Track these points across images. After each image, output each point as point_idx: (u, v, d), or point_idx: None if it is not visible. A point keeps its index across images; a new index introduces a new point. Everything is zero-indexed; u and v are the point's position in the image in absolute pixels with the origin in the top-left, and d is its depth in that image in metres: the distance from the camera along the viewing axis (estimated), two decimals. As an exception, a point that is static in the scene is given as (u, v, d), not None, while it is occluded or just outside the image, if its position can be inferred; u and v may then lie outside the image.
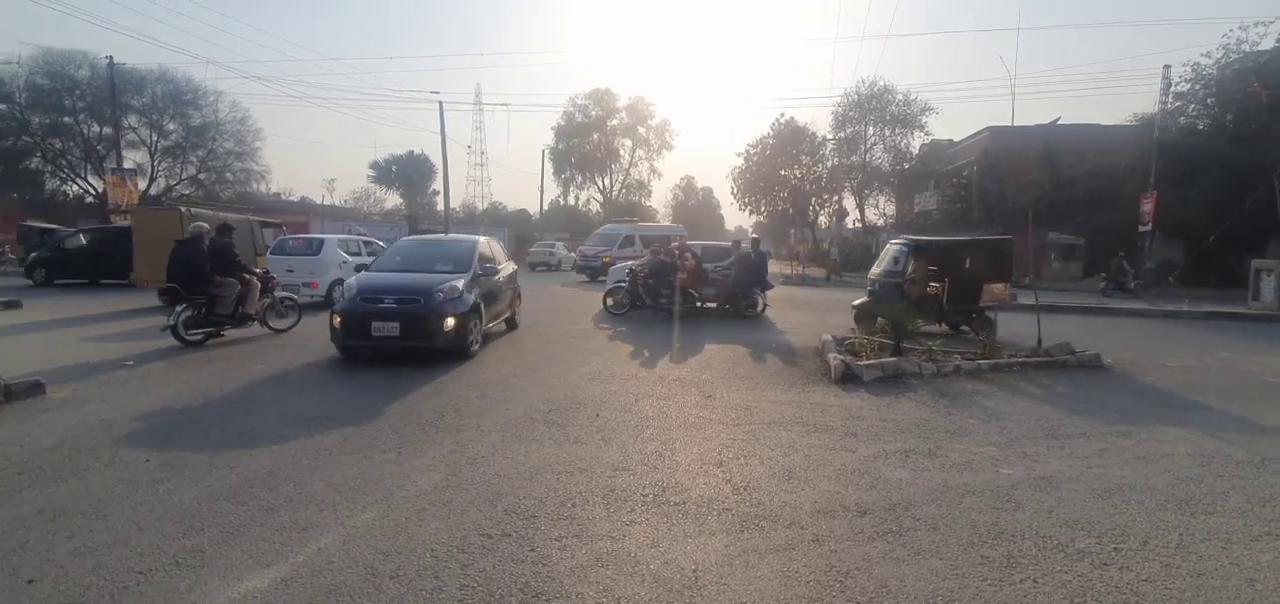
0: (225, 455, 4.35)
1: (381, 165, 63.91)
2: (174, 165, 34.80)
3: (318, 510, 3.50)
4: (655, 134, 54.88)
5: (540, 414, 5.50)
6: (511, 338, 9.93)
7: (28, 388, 5.66)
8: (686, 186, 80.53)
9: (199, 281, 8.42)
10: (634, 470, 4.19)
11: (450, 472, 4.10)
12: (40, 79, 30.37)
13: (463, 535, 3.21)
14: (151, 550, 3.05)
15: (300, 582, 2.77)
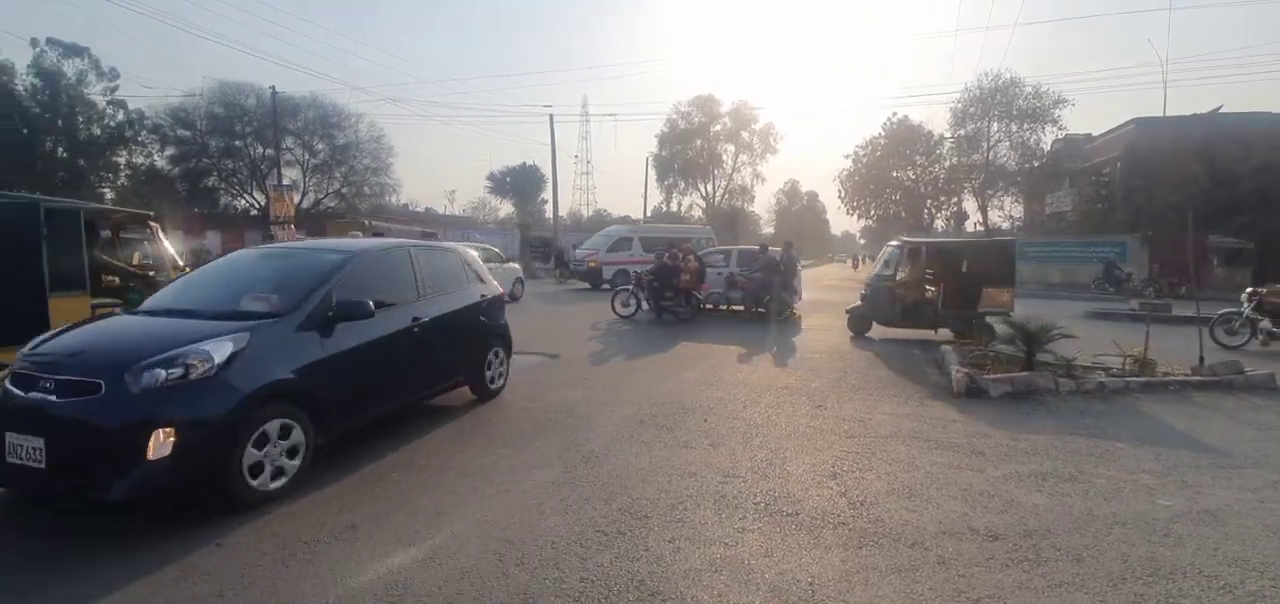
0: (369, 442, 4.81)
1: (497, 176, 67.71)
2: (322, 181, 38.81)
3: (448, 498, 3.79)
4: (759, 138, 54.05)
5: (648, 417, 5.61)
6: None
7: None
8: (790, 191, 78.65)
9: None
10: (744, 477, 4.17)
11: (565, 469, 4.29)
12: (217, 109, 35.01)
13: (580, 530, 3.35)
14: (314, 523, 3.44)
15: (438, 562, 3.02)
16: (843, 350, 9.57)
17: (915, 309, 10.61)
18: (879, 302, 10.91)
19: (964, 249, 11.10)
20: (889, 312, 10.80)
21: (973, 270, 10.37)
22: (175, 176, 35.32)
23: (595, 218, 70.72)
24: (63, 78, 32.43)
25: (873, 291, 11.11)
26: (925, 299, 10.61)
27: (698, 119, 53.43)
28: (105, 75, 33.75)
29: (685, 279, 12.95)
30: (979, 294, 10.09)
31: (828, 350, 9.62)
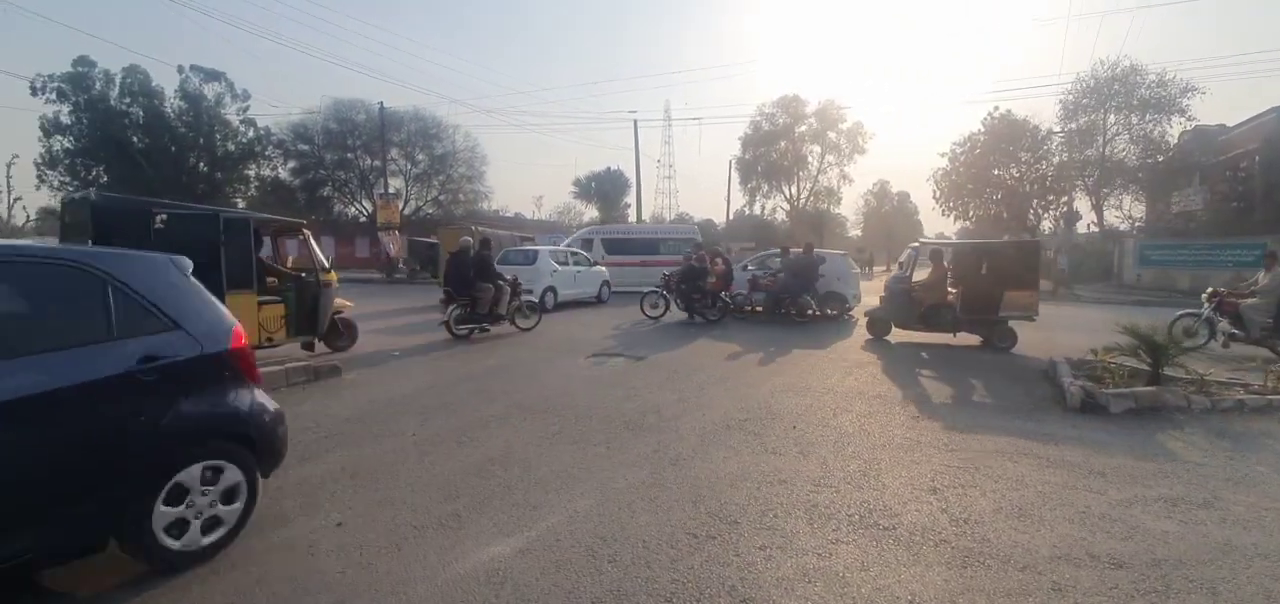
0: (470, 435, 5.09)
1: (582, 182, 69.23)
2: (422, 189, 41.30)
3: (544, 492, 3.95)
4: (846, 138, 52.13)
5: (735, 422, 5.58)
6: (703, 346, 10.08)
7: (329, 370, 7.20)
8: (880, 191, 75.37)
9: (465, 285, 10.14)
10: (836, 487, 4.08)
11: (654, 470, 4.35)
12: (331, 124, 38.09)
13: (670, 531, 3.40)
14: (422, 510, 3.69)
15: (535, 553, 3.16)
16: (939, 359, 9.10)
17: (935, 312, 10.40)
18: (897, 304, 10.73)
19: (984, 251, 10.75)
20: (907, 314, 10.65)
21: (993, 272, 10.07)
22: (295, 187, 38.68)
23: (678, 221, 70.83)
24: (204, 100, 36.32)
25: (891, 294, 10.90)
26: (945, 302, 10.37)
27: (782, 120, 52.34)
28: (239, 97, 37.49)
29: (712, 281, 13.14)
30: (1000, 297, 9.84)
31: (922, 359, 9.17)
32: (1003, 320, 9.95)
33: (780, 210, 56.02)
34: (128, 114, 35.17)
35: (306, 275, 8.41)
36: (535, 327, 11.43)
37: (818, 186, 53.56)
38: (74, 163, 35.45)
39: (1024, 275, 10.07)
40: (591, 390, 6.82)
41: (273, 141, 38.79)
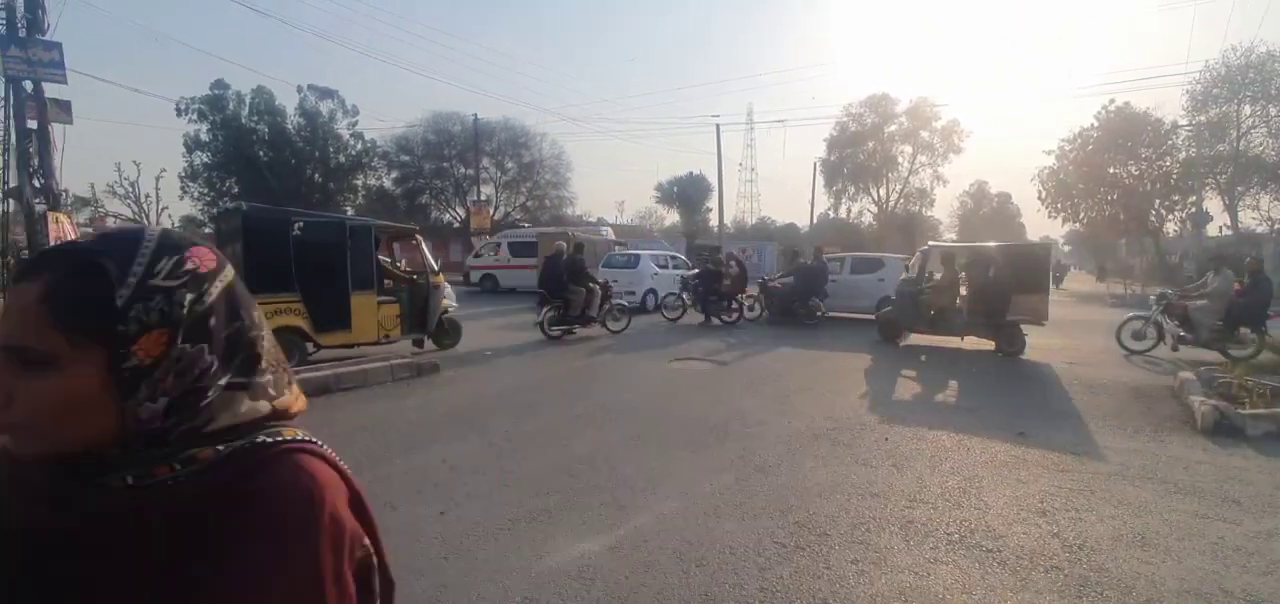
0: (559, 434, 5.27)
1: (664, 186, 69.60)
2: (511, 195, 43.01)
3: (630, 493, 4.03)
4: (940, 137, 49.33)
5: (823, 431, 5.45)
6: (787, 353, 9.92)
7: (430, 367, 7.68)
8: (977, 193, 70.77)
9: (558, 288, 10.46)
10: (933, 504, 3.90)
11: (739, 476, 4.33)
12: (430, 136, 40.46)
13: (757, 540, 3.38)
14: (515, 504, 3.86)
15: (623, 552, 3.24)
16: (1046, 373, 8.46)
17: (943, 315, 10.45)
18: (906, 307, 10.74)
19: (992, 254, 10.72)
20: (916, 317, 10.68)
21: (1001, 276, 10.04)
22: (397, 196, 41.32)
23: (759, 225, 69.74)
24: (319, 116, 39.55)
25: (900, 297, 10.95)
26: (954, 305, 10.43)
27: (870, 120, 50.34)
28: (349, 112, 40.52)
29: (726, 284, 13.44)
30: (1007, 301, 9.79)
31: (1027, 372, 8.57)
32: (1011, 324, 9.84)
33: (867, 213, 53.91)
34: (255, 131, 38.86)
35: (418, 278, 9.13)
36: (624, 329, 11.63)
37: (908, 188, 51.11)
38: (211, 176, 39.54)
39: (1032, 279, 9.96)
40: (675, 394, 6.87)
41: (378, 153, 41.67)
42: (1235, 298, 9.39)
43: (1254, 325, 9.22)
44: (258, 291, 7.38)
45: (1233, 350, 9.23)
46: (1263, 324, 9.24)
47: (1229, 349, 9.26)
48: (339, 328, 8.08)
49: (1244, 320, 9.31)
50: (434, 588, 2.88)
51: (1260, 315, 9.24)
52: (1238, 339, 9.30)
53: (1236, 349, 9.23)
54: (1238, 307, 9.34)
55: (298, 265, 7.71)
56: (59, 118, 13.61)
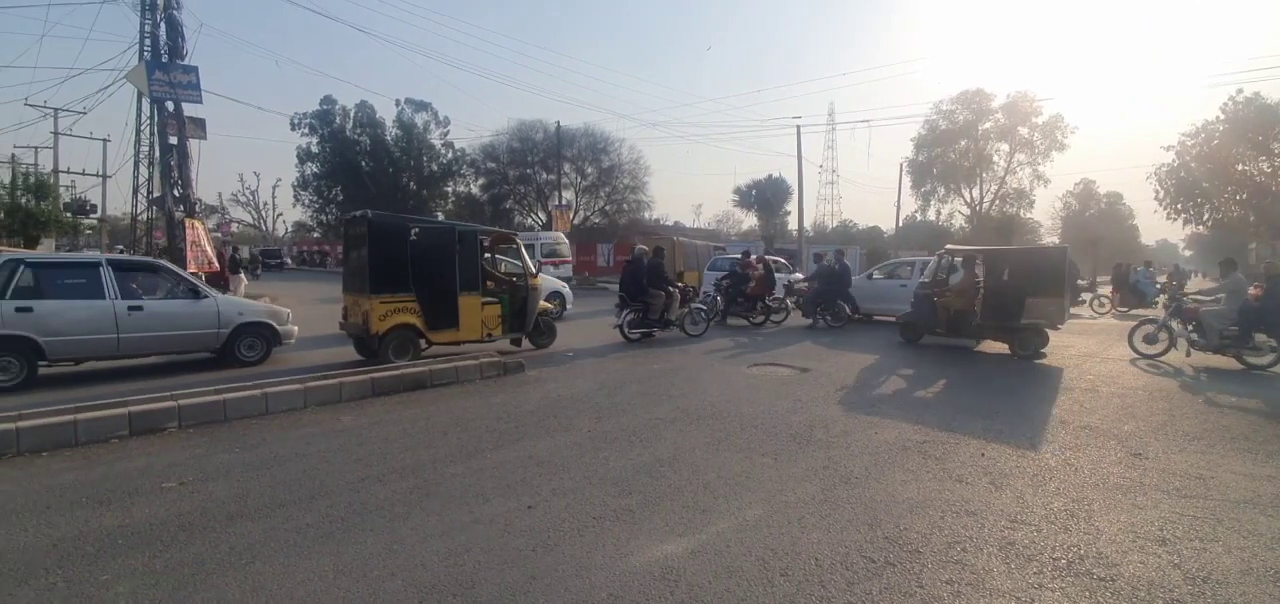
0: (640, 436, 5.34)
1: (743, 190, 68.81)
2: (590, 199, 43.92)
3: (712, 497, 4.03)
4: (1042, 134, 45.82)
5: (914, 444, 5.23)
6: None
7: (515, 366, 7.98)
8: (1083, 193, 65.39)
9: (638, 291, 10.63)
10: (1036, 526, 3.66)
11: (824, 487, 4.24)
12: (514, 143, 42.04)
13: (844, 553, 3.30)
14: (598, 502, 3.95)
15: (706, 556, 3.25)
16: (1169, 388, 7.72)
17: (959, 318, 10.58)
18: (924, 309, 10.91)
19: (1005, 258, 10.89)
20: (932, 320, 10.86)
21: (1015, 280, 10.10)
22: (484, 201, 43.16)
23: (840, 228, 67.56)
24: (415, 127, 41.98)
25: (917, 299, 11.11)
26: (970, 308, 10.53)
27: (963, 117, 47.58)
28: (441, 123, 42.80)
29: (751, 286, 13.57)
30: (1022, 305, 9.79)
31: (1144, 385, 7.85)
32: (1025, 328, 9.85)
33: (959, 215, 50.99)
34: (358, 142, 41.75)
35: (518, 280, 9.63)
36: (703, 334, 11.59)
37: (1005, 189, 47.98)
38: (320, 184, 42.82)
39: (1048, 284, 9.84)
40: (756, 399, 6.80)
41: (467, 161, 43.75)
42: (1252, 302, 9.09)
43: (1272, 331, 8.89)
44: (380, 291, 8.11)
45: (1249, 357, 9.05)
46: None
47: (1245, 356, 9.06)
48: (448, 326, 8.67)
49: (1261, 326, 8.96)
50: (525, 579, 3.00)
51: (1278, 321, 8.86)
52: (1254, 346, 9.02)
53: (1253, 356, 9.03)
54: (1254, 311, 9.01)
55: (413, 268, 8.33)
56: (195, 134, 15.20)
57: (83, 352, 7.80)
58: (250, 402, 5.88)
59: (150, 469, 4.49)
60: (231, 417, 5.72)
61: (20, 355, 7.24)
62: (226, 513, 3.75)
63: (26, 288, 7.39)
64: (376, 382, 6.78)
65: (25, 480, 4.26)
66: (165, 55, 14.56)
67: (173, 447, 5.01)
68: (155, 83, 14.31)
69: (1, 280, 7.27)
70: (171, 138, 14.90)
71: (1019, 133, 46.24)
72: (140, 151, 15.84)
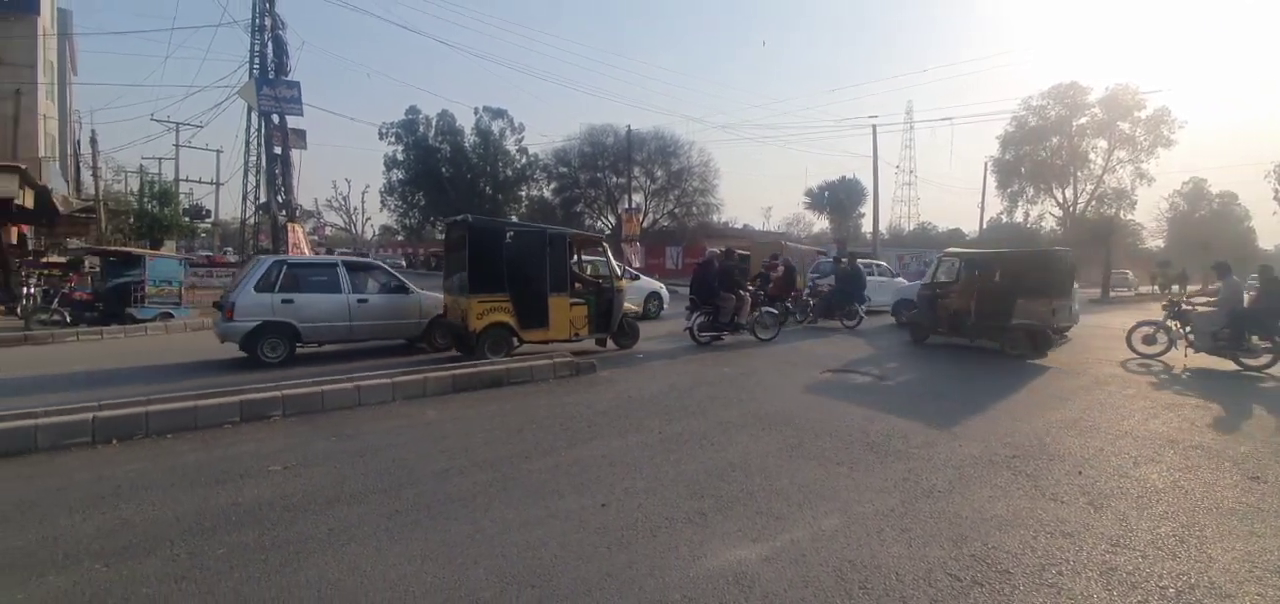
0: (711, 439, 5.34)
1: (815, 192, 67.23)
2: (659, 203, 44.13)
3: (785, 504, 3.98)
4: (1145, 129, 42.15)
5: (1001, 458, 4.97)
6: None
7: (588, 367, 8.14)
8: (1192, 192, 59.69)
9: (708, 294, 10.66)
10: (1141, 552, 3.40)
11: (905, 499, 4.09)
12: (585, 148, 42.86)
13: (927, 569, 3.18)
14: (671, 503, 3.98)
15: (780, 563, 3.21)
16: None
17: (957, 318, 10.95)
18: (925, 310, 11.47)
19: (998, 260, 11.51)
20: (933, 320, 11.38)
21: (1006, 281, 10.51)
22: (556, 205, 44.19)
23: (918, 231, 64.78)
24: (491, 134, 43.55)
25: (921, 300, 11.77)
26: (967, 308, 10.81)
27: (1055, 112, 44.50)
28: (516, 130, 44.20)
29: (770, 287, 13.65)
30: (1013, 305, 10.05)
31: (1260, 399, 7.10)
32: (1015, 328, 10.07)
33: (1050, 217, 47.76)
34: (439, 150, 43.74)
35: (604, 282, 9.93)
36: (774, 339, 11.44)
37: (1102, 189, 44.53)
38: (405, 190, 45.14)
39: (1039, 285, 10.14)
40: (831, 406, 6.65)
41: (540, 166, 44.95)
42: (1249, 305, 9.28)
43: (1265, 333, 9.05)
44: (477, 291, 8.55)
45: (1245, 359, 9.15)
46: (1276, 331, 8.97)
47: (1241, 357, 9.18)
48: (538, 325, 9.05)
49: (1255, 328, 9.10)
50: (600, 575, 3.07)
51: (1272, 323, 9.01)
52: (1249, 348, 9.15)
53: (1249, 358, 9.14)
54: (1247, 314, 9.17)
55: (508, 269, 8.76)
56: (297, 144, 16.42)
57: (326, 337, 9.32)
58: (345, 394, 6.29)
59: (258, 453, 4.89)
60: (328, 407, 6.14)
61: (284, 338, 8.84)
62: (325, 497, 4.03)
63: (288, 284, 8.93)
64: (457, 378, 7.09)
65: (154, 459, 4.73)
66: (271, 72, 15.80)
67: (277, 434, 5.43)
68: (263, 98, 15.56)
69: (272, 278, 8.83)
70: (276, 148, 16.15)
71: (1119, 128, 42.85)
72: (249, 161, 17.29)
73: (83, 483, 4.21)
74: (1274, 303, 9.07)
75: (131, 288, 13.46)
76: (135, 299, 13.29)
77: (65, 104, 28.15)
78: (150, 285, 13.51)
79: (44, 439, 4.86)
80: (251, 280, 8.89)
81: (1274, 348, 8.93)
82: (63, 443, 4.92)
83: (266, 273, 8.91)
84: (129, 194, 32.59)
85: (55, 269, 16.45)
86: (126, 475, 4.35)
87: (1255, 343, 9.11)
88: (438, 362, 8.70)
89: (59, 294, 13.64)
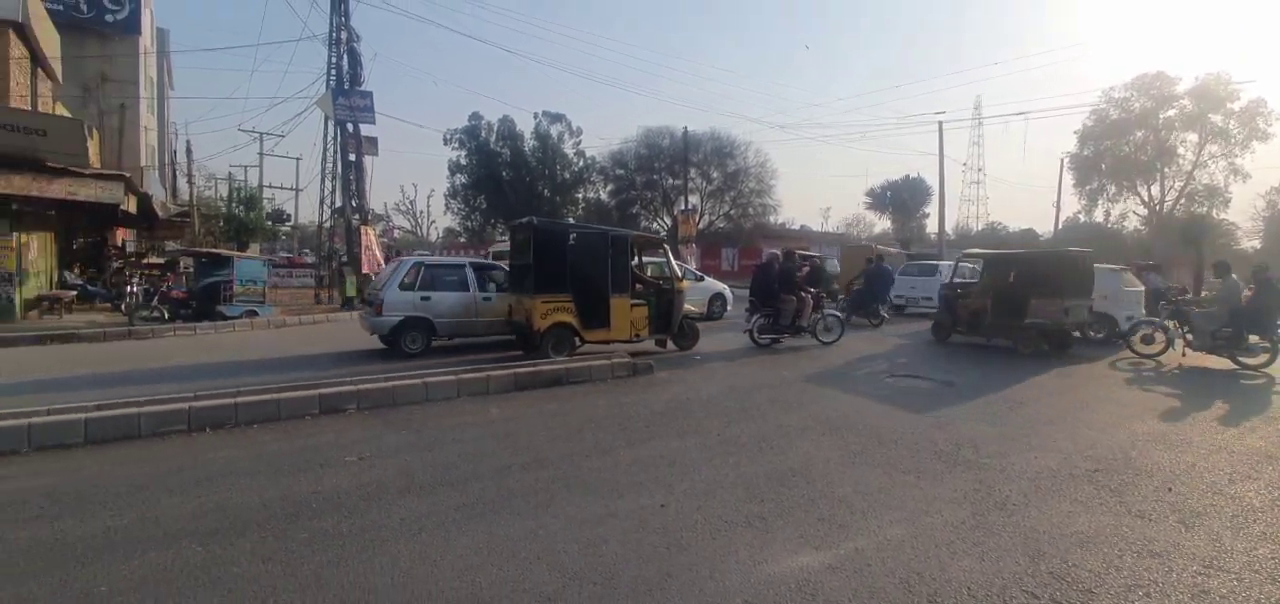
0: (770, 442, 5.28)
1: (877, 192, 65.26)
2: (715, 204, 43.85)
3: (849, 512, 3.89)
4: (1239, 121, 38.80)
5: (1082, 471, 4.70)
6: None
7: (646, 367, 8.20)
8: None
9: (768, 296, 10.55)
10: (1237, 575, 3.16)
11: (976, 511, 3.93)
12: (641, 150, 43.02)
13: (1001, 585, 3.05)
14: (730, 506, 3.96)
15: (844, 572, 3.15)
16: None
17: (975, 317, 11.22)
18: (946, 310, 11.80)
19: (1012, 260, 12.07)
20: (953, 320, 11.69)
21: (1020, 281, 10.91)
22: (612, 207, 44.56)
23: (987, 231, 61.85)
24: (550, 138, 44.34)
25: (942, 300, 12.08)
26: (984, 308, 11.10)
27: (1140, 105, 41.59)
28: (574, 133, 44.86)
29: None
30: (1026, 304, 10.33)
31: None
32: (1028, 327, 10.39)
33: (1134, 216, 44.69)
34: (499, 154, 44.88)
35: (664, 284, 10.02)
36: (837, 342, 11.17)
37: (1192, 186, 41.32)
38: (467, 194, 46.53)
39: (1052, 285, 10.40)
40: (895, 412, 6.45)
41: (596, 169, 45.43)
42: (1244, 304, 9.46)
43: (1262, 331, 9.28)
44: (541, 292, 8.78)
45: (1243, 357, 9.35)
46: (1272, 330, 9.24)
47: (1239, 355, 9.37)
48: (600, 326, 9.20)
49: (1252, 327, 9.31)
50: (660, 575, 3.09)
51: (1268, 322, 9.29)
52: (1247, 347, 9.33)
53: (1246, 356, 9.33)
54: (1245, 312, 9.38)
55: (571, 270, 8.97)
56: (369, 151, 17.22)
57: (456, 331, 10.10)
58: (414, 390, 6.55)
59: (336, 444, 5.16)
60: (398, 402, 6.41)
61: (423, 332, 9.67)
62: (396, 488, 4.22)
63: (425, 283, 9.75)
64: (518, 376, 7.27)
65: (243, 447, 5.07)
66: (347, 83, 16.65)
67: (353, 426, 5.72)
68: (339, 107, 16.42)
69: (411, 278, 9.70)
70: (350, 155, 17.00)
71: (1211, 121, 39.69)
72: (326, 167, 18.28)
73: (180, 468, 4.56)
74: (1269, 302, 9.40)
75: (221, 287, 14.45)
76: (224, 297, 14.25)
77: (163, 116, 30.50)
78: (238, 285, 14.47)
79: (146, 426, 5.28)
80: (396, 279, 9.78)
81: (1271, 346, 9.19)
82: (161, 430, 5.33)
83: (408, 272, 9.84)
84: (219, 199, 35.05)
85: (154, 269, 17.84)
86: (218, 462, 4.68)
87: (1254, 341, 9.31)
88: (499, 362, 8.95)
89: (158, 292, 14.76)
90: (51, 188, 11.14)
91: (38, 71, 15.04)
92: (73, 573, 3.04)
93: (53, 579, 2.99)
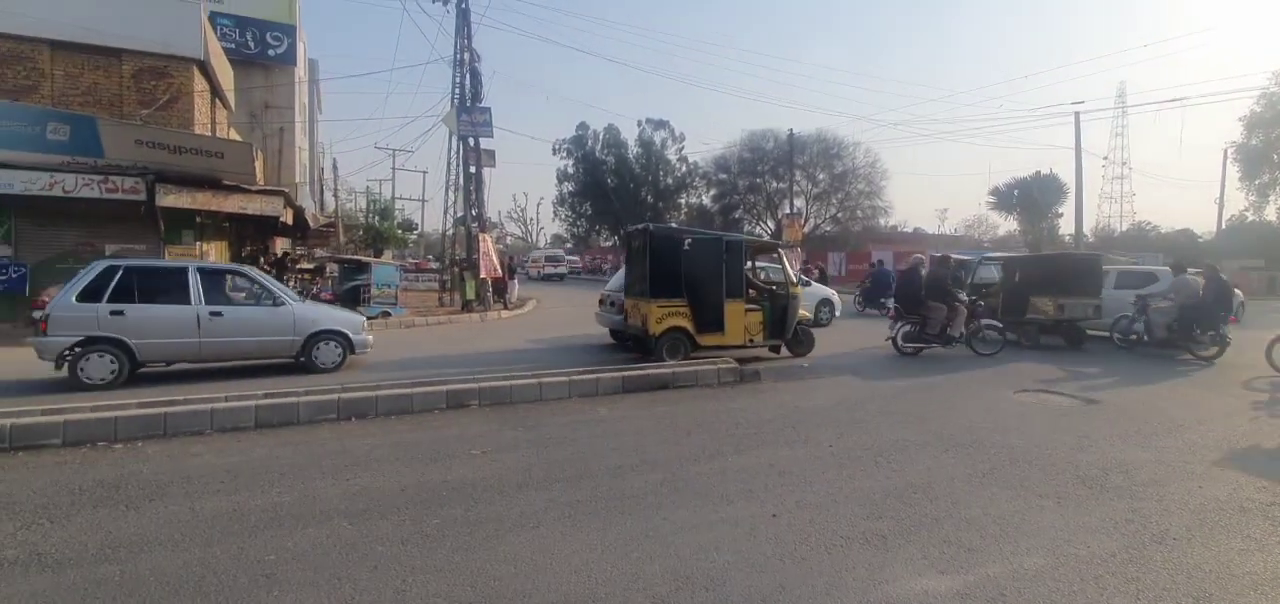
0: (888, 457, 5.05)
1: (1002, 190, 60.21)
2: (821, 207, 42.40)
3: (979, 536, 3.64)
4: None
5: (1257, 505, 4.10)
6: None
7: (753, 374, 8.10)
8: None
9: (915, 304, 10.16)
10: None
11: (1129, 544, 3.54)
12: (745, 153, 42.46)
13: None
14: (846, 522, 3.83)
15: (975, 599, 2.95)
16: None
17: (992, 315, 11.41)
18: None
19: (1018, 262, 13.35)
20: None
21: (1023, 281, 12.07)
22: (714, 212, 44.35)
23: (1133, 231, 55.11)
24: (653, 145, 44.91)
25: None
26: (996, 306, 11.87)
27: (1323, 84, 35.25)
28: (677, 139, 45.16)
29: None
30: (1027, 302, 11.56)
31: None
32: (1029, 323, 11.56)
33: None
34: (604, 162, 46.04)
35: (779, 289, 9.92)
36: (996, 353, 10.32)
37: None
38: (574, 201, 48.16)
39: (1046, 285, 11.54)
40: (1030, 430, 5.94)
41: (699, 174, 45.43)
42: (1197, 301, 10.06)
43: (1206, 327, 9.98)
44: (657, 297, 8.97)
45: (1196, 350, 10.07)
46: (1216, 326, 9.93)
47: (1193, 348, 10.10)
48: (714, 330, 9.23)
49: (1199, 323, 10.00)
50: (773, 587, 3.05)
51: (1213, 318, 9.98)
52: (1197, 339, 10.05)
53: (1198, 348, 10.07)
54: (1193, 307, 10.05)
55: (686, 275, 9.07)
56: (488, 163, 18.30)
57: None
58: (529, 389, 6.90)
59: (462, 437, 5.54)
60: (515, 400, 6.77)
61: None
62: (516, 481, 4.46)
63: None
64: (627, 379, 7.44)
65: (382, 436, 5.57)
66: (469, 100, 17.83)
67: (475, 421, 6.12)
68: (461, 123, 17.62)
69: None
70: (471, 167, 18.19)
71: None
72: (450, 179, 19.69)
73: (331, 452, 5.09)
74: (1214, 300, 10.06)
75: (360, 289, 15.95)
76: (363, 299, 15.71)
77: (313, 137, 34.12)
78: (375, 288, 15.91)
79: (304, 414, 5.94)
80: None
81: (1217, 338, 9.96)
82: (316, 419, 5.98)
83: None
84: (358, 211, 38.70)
85: (306, 274, 20.03)
86: (362, 449, 5.18)
87: (1199, 336, 10.08)
88: (606, 363, 9.18)
89: (310, 295, 16.56)
90: (227, 202, 12.82)
91: (216, 102, 17.36)
92: (247, 542, 3.49)
93: (232, 546, 3.44)
